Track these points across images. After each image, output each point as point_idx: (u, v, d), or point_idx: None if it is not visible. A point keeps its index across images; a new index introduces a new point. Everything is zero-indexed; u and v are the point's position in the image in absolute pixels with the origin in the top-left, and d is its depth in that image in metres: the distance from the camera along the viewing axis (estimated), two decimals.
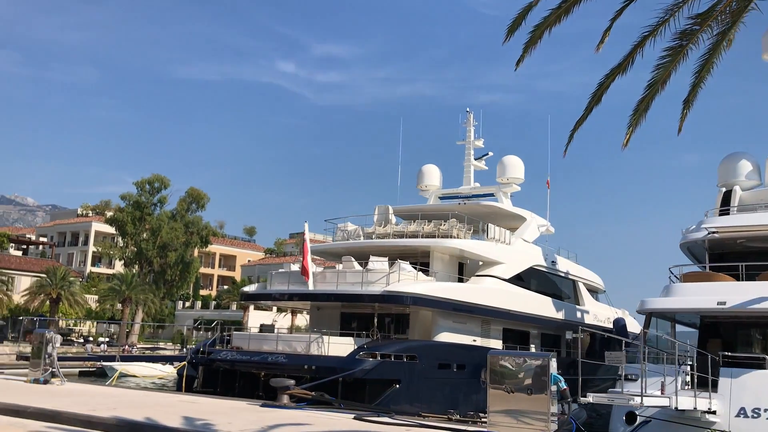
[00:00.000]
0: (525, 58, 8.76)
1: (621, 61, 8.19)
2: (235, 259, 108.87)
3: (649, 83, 8.07)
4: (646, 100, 8.20)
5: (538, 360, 11.46)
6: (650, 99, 8.15)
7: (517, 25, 8.40)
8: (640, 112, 8.31)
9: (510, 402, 11.50)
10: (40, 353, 17.90)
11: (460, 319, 28.42)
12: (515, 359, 11.70)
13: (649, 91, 8.11)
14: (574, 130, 8.73)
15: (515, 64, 8.67)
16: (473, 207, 32.79)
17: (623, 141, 8.26)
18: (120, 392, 17.19)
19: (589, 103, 8.49)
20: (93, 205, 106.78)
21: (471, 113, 37.06)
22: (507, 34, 8.44)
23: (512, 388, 11.47)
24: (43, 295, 59.55)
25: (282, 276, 28.49)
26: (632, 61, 8.11)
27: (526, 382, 11.39)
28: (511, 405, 11.48)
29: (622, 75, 8.26)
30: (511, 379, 11.53)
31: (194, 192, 78.34)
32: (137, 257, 73.95)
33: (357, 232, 31.92)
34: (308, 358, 23.39)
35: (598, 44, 8.53)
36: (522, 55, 8.80)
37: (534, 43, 8.42)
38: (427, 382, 24.89)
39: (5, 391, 15.70)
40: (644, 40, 7.89)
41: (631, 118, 8.28)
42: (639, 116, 8.33)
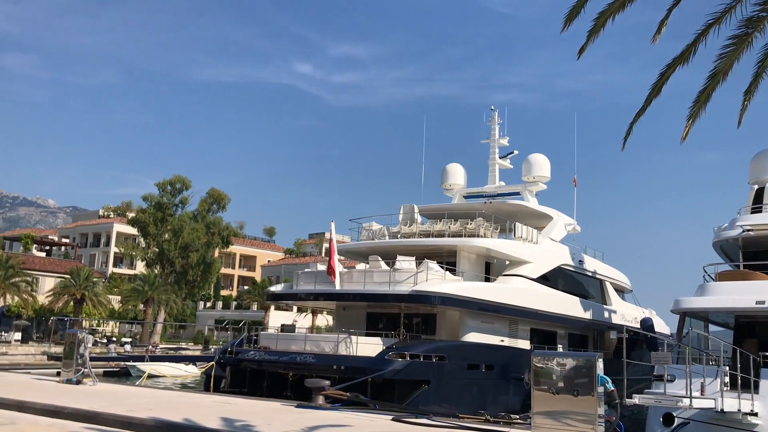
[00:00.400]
0: (588, 46, 8.48)
1: (683, 51, 7.89)
2: (255, 260, 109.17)
3: (711, 73, 7.77)
4: (707, 91, 7.92)
5: (584, 361, 11.17)
6: (711, 90, 7.86)
7: (575, 14, 8.13)
8: (700, 104, 8.02)
9: (555, 404, 11.22)
10: (72, 354, 17.88)
11: (488, 319, 28.14)
12: (560, 360, 11.42)
13: (711, 82, 7.82)
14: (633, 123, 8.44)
15: (578, 53, 8.41)
16: (499, 206, 32.48)
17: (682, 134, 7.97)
18: (152, 393, 17.12)
19: (649, 95, 8.20)
20: (114, 206, 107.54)
21: (496, 111, 36.75)
22: (565, 22, 8.17)
23: (557, 390, 11.20)
24: (67, 295, 59.99)
25: (308, 276, 28.36)
26: (695, 51, 7.81)
27: (571, 384, 11.11)
28: (556, 407, 11.20)
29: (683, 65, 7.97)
30: (556, 380, 11.25)
31: (215, 193, 78.59)
32: (159, 258, 74.32)
33: (382, 232, 31.74)
34: (337, 359, 23.23)
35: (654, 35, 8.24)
36: (585, 43, 8.52)
37: (597, 30, 8.15)
38: (456, 382, 24.65)
39: (40, 391, 15.68)
40: (708, 29, 7.60)
41: (691, 109, 7.99)
42: (699, 108, 8.04)
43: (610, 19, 7.83)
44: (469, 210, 31.18)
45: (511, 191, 35.24)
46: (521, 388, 28.02)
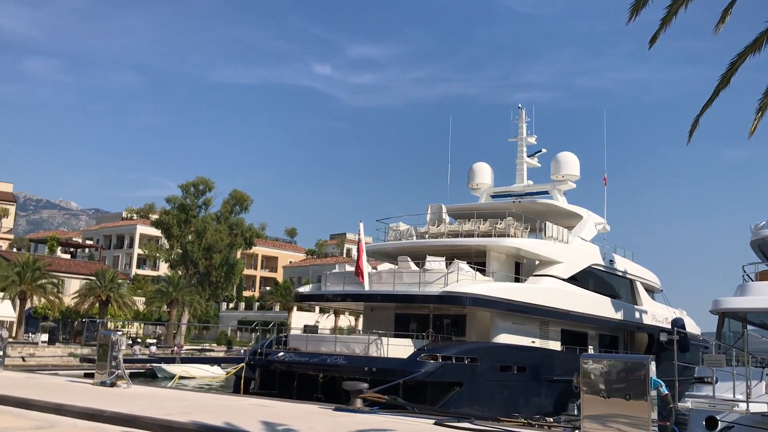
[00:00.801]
0: (660, 34, 8.14)
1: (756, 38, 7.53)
2: (277, 261, 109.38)
3: None
4: None
5: (636, 363, 10.81)
6: None
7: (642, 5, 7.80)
8: None
9: (606, 408, 10.88)
10: (106, 356, 17.80)
11: (519, 320, 27.77)
12: (611, 362, 11.07)
13: None
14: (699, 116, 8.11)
15: (649, 42, 8.07)
16: (528, 205, 32.05)
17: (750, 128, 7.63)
18: (188, 395, 16.97)
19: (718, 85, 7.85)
20: (137, 208, 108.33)
21: (523, 109, 36.32)
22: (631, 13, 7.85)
23: (608, 393, 10.85)
24: (93, 297, 60.40)
25: (337, 276, 28.17)
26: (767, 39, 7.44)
27: (623, 387, 10.76)
28: (606, 411, 10.86)
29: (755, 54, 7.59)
30: (606, 383, 10.90)
31: (237, 194, 78.85)
32: (183, 259, 74.66)
33: (409, 232, 31.47)
34: (368, 360, 22.99)
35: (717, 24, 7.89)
36: (657, 31, 8.19)
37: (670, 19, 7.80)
38: (488, 384, 24.33)
39: (76, 393, 15.60)
40: None
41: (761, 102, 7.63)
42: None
43: (682, 6, 7.49)
44: (499, 209, 30.81)
45: (540, 190, 34.79)
46: (553, 390, 27.67)
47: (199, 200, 75.24)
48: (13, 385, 17.20)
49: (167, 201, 75.88)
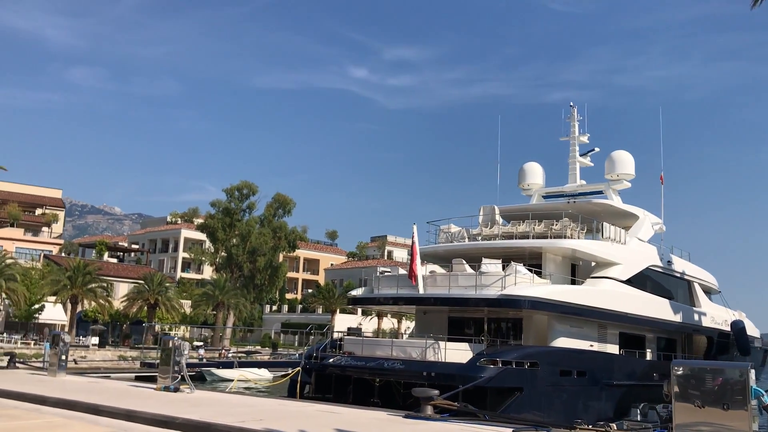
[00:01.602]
0: None
1: None
2: (319, 263, 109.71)
3: None
4: None
5: (735, 371, 10.24)
6: None
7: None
8: None
9: (700, 417, 10.33)
10: (169, 361, 17.79)
11: (577, 324, 27.09)
12: (706, 369, 10.51)
13: None
14: None
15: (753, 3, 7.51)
16: (583, 205, 31.28)
17: None
18: (253, 401, 16.82)
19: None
20: (181, 212, 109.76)
21: (575, 108, 35.52)
22: None
23: (703, 402, 10.30)
24: (141, 300, 61.21)
25: (390, 279, 27.84)
26: None
27: (720, 396, 10.19)
28: (701, 421, 10.31)
29: None
30: (701, 391, 10.35)
31: (281, 197, 79.22)
32: (228, 262, 75.26)
33: (461, 234, 30.99)
34: (426, 365, 22.58)
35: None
36: None
37: None
38: (548, 389, 23.72)
39: (143, 399, 15.57)
40: None
41: None
42: None
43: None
44: (554, 210, 30.11)
45: (594, 190, 33.96)
46: (613, 395, 26.92)
47: (243, 204, 75.72)
48: (79, 389, 17.30)
49: (212, 205, 76.61)
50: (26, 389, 16.69)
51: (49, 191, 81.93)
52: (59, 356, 21.23)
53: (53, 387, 17.60)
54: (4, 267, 52.99)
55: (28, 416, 13.45)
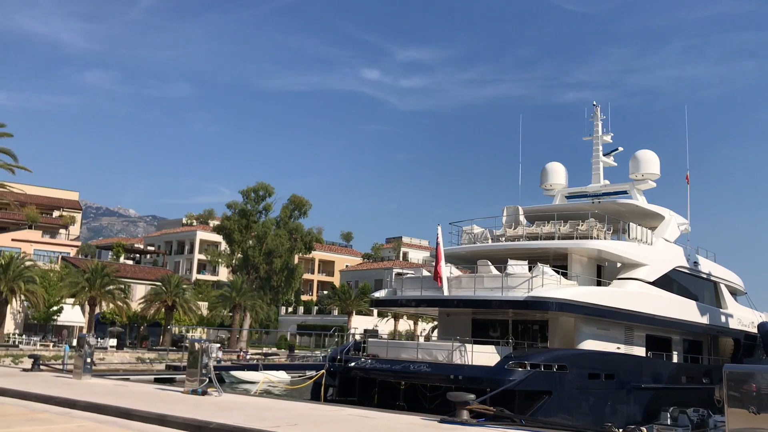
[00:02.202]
0: None
1: None
2: (334, 265, 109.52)
3: None
4: None
5: None
6: None
7: None
8: None
9: (756, 424, 9.96)
10: (197, 363, 17.59)
11: (604, 326, 26.68)
12: (763, 375, 10.13)
13: None
14: None
15: None
16: (608, 206, 30.83)
17: None
18: (283, 404, 16.56)
19: None
20: (197, 214, 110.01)
21: (598, 107, 35.09)
22: None
23: (759, 408, 9.93)
24: (159, 302, 61.25)
25: (413, 281, 27.55)
26: None
27: None
28: (757, 427, 9.94)
29: None
30: (757, 397, 9.98)
31: (296, 199, 79.11)
32: (244, 264, 75.22)
33: (484, 235, 30.66)
34: (453, 368, 22.28)
35: None
36: None
37: None
38: (576, 393, 23.34)
39: (173, 403, 15.37)
40: None
41: None
42: None
43: None
44: (579, 210, 29.69)
45: (618, 190, 33.49)
46: (641, 398, 26.48)
47: (260, 205, 75.67)
48: (107, 393, 17.13)
49: (228, 207, 76.64)
50: (54, 392, 16.54)
51: (66, 193, 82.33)
52: (84, 359, 21.08)
53: (81, 390, 17.45)
54: (24, 269, 53.20)
55: (60, 420, 13.28)
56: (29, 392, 16.55)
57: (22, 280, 52.01)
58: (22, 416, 13.64)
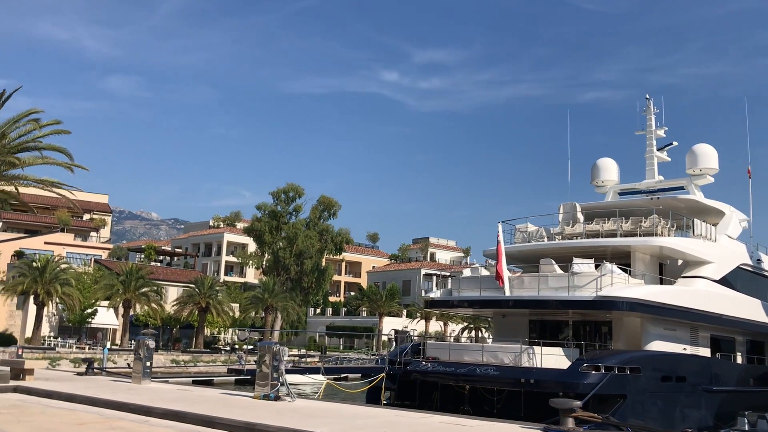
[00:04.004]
0: None
1: None
2: (360, 266, 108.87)
3: None
4: None
5: None
6: None
7: None
8: None
9: None
10: (268, 367, 16.88)
11: (670, 326, 25.66)
12: None
13: None
14: None
15: None
16: (668, 201, 29.74)
17: None
18: (366, 410, 15.77)
19: None
20: (223, 216, 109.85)
21: (651, 100, 33.99)
22: None
23: None
24: (192, 304, 60.80)
25: (471, 281, 26.69)
26: None
27: None
28: None
29: None
30: None
31: (325, 200, 78.56)
32: (275, 265, 74.75)
33: (540, 233, 29.72)
34: (523, 371, 21.39)
35: None
36: None
37: None
38: (649, 397, 22.36)
39: (251, 409, 14.67)
40: None
41: None
42: None
43: None
44: (640, 207, 28.68)
45: (674, 186, 32.36)
46: (711, 402, 25.42)
47: (290, 207, 75.18)
48: (176, 398, 16.50)
49: (258, 208, 76.22)
50: (122, 398, 15.92)
51: (96, 197, 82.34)
52: (143, 363, 20.50)
53: (149, 396, 16.82)
54: (59, 272, 52.99)
55: (141, 429, 12.63)
56: (98, 398, 15.96)
57: (58, 283, 51.78)
58: (100, 425, 13.02)
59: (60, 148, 20.27)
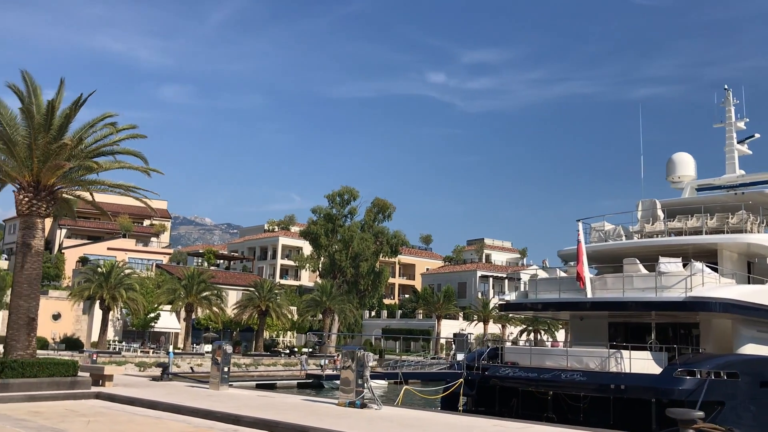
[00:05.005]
0: None
1: None
2: (414, 268, 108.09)
3: None
4: None
5: None
6: None
7: None
8: None
9: None
10: (353, 373, 16.30)
11: (763, 328, 24.19)
12: None
13: None
14: None
15: None
16: (754, 196, 28.11)
17: None
18: (458, 419, 15.03)
19: None
20: (278, 220, 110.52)
21: (729, 90, 32.40)
22: None
23: None
24: (252, 307, 61.05)
25: (549, 283, 25.70)
26: None
27: None
28: None
29: None
30: None
31: (380, 202, 78.12)
32: (331, 268, 74.64)
33: (617, 232, 28.51)
34: (612, 377, 20.33)
35: None
36: None
37: None
38: (747, 404, 21.03)
39: (341, 418, 14.10)
40: None
41: None
42: None
43: None
44: (725, 202, 27.22)
45: (759, 180, 30.64)
46: None
47: (345, 209, 74.99)
48: (261, 406, 16.08)
49: (313, 211, 76.27)
50: (207, 405, 15.57)
51: (155, 203, 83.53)
52: (221, 368, 20.21)
53: (234, 403, 16.45)
54: (123, 277, 53.79)
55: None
56: (183, 405, 15.64)
57: (122, 288, 52.56)
58: None
59: (135, 152, 20.14)
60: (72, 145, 18.70)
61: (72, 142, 18.60)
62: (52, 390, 17.92)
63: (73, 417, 14.27)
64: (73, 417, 14.28)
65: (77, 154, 19.49)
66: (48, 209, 19.76)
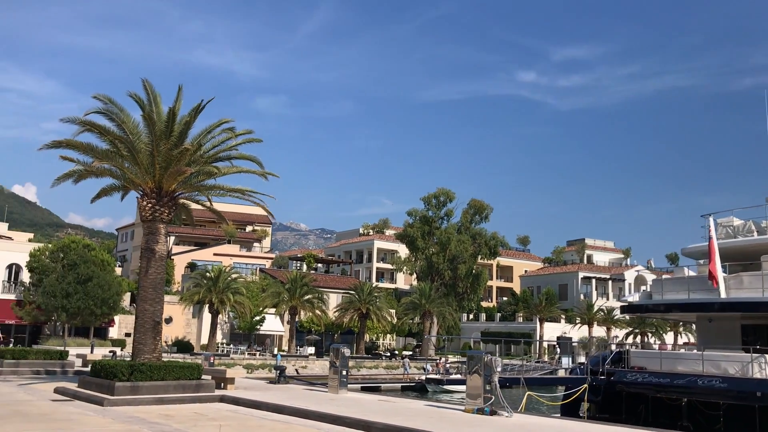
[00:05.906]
0: None
1: None
2: (512, 270, 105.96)
3: None
4: None
5: None
6: None
7: None
8: None
9: None
10: (481, 378, 15.65)
11: None
12: None
13: None
14: None
15: None
16: None
17: None
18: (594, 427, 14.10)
19: None
20: (372, 224, 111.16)
21: None
22: None
23: None
24: (353, 310, 61.39)
25: (676, 283, 24.18)
26: None
27: None
28: None
29: None
30: None
31: (476, 203, 76.97)
32: (428, 271, 74.10)
33: (747, 227, 26.51)
34: (757, 383, 18.76)
35: None
36: None
37: None
38: None
39: (475, 426, 13.46)
40: None
41: None
42: None
43: None
44: None
45: None
46: None
47: (441, 211, 74.29)
48: (386, 411, 15.71)
49: (409, 214, 76.02)
50: (336, 411, 15.32)
51: (257, 209, 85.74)
52: (340, 371, 20.02)
53: (357, 408, 16.16)
54: (230, 281, 55.25)
55: None
56: (310, 410, 15.46)
57: (230, 292, 53.98)
58: None
59: (252, 157, 20.31)
60: (192, 151, 19.02)
61: (192, 147, 18.92)
62: (179, 393, 18.21)
63: (203, 421, 14.34)
64: (204, 421, 14.35)
65: (197, 159, 19.84)
66: (170, 215, 20.21)
